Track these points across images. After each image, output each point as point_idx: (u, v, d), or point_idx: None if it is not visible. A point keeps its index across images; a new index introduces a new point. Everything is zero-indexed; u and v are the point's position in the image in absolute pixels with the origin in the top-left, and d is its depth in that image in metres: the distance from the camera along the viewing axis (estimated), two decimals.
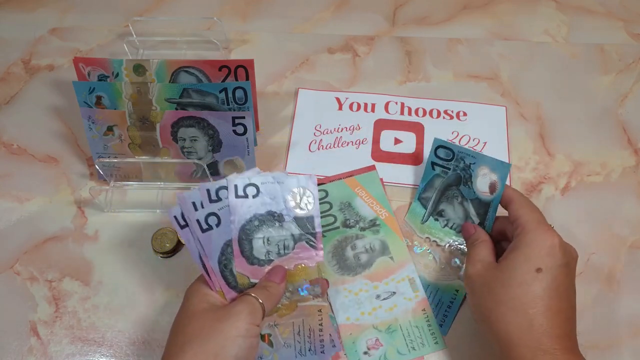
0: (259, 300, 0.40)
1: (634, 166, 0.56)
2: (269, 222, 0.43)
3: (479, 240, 0.45)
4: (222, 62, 0.53)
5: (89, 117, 0.51)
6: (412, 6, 0.69)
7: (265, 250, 0.43)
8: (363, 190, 0.53)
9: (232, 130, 0.51)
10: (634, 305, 0.49)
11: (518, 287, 0.38)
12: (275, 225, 0.43)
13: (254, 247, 0.43)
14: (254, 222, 0.43)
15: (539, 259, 0.39)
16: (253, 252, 0.43)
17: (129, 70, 0.53)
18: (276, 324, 0.45)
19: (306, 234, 0.43)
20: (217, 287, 0.42)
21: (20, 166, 0.57)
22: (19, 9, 0.69)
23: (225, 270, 0.42)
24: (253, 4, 0.69)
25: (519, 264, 0.39)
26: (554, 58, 0.64)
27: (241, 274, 0.42)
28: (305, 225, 0.44)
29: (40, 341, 0.47)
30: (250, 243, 0.43)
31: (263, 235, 0.43)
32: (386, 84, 0.62)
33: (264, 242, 0.43)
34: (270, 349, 0.44)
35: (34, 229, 0.53)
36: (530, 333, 0.37)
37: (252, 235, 0.43)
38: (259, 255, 0.43)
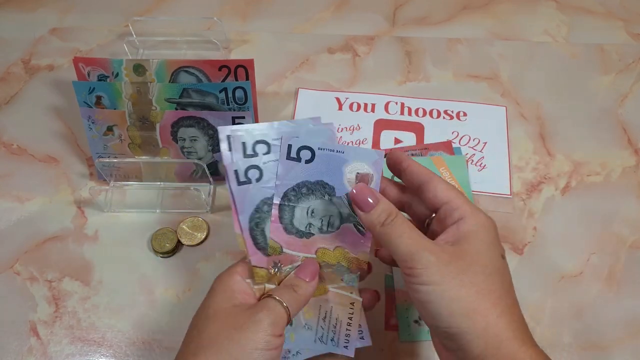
0: (284, 304, 0.36)
1: (634, 166, 0.56)
2: (318, 193, 0.38)
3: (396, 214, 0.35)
4: (222, 62, 0.53)
5: (89, 117, 0.51)
6: (412, 6, 0.69)
7: (307, 222, 0.39)
8: (447, 171, 0.53)
9: None
10: (634, 305, 0.49)
11: (496, 273, 0.33)
12: (324, 197, 0.38)
13: (295, 215, 0.39)
14: (302, 189, 0.38)
15: (498, 245, 0.35)
16: (293, 220, 0.39)
17: (128, 70, 0.53)
18: None
19: (355, 216, 0.38)
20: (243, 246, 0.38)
21: (20, 166, 0.57)
22: (19, 9, 0.69)
23: (256, 230, 0.38)
24: (253, 4, 0.69)
25: (486, 249, 0.34)
26: (554, 58, 0.64)
27: (275, 241, 0.38)
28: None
29: (40, 341, 0.47)
30: (292, 210, 0.38)
31: (308, 205, 0.38)
32: (386, 84, 0.62)
33: (308, 212, 0.39)
34: (288, 327, 0.39)
35: (34, 229, 0.53)
36: (516, 325, 0.33)
37: (296, 203, 0.38)
38: (299, 225, 0.39)
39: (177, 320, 0.48)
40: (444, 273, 0.32)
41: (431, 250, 0.33)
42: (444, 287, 0.32)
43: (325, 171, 0.38)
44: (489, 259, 0.34)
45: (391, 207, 0.35)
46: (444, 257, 0.33)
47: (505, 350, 0.31)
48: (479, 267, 0.33)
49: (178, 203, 0.54)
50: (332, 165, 0.38)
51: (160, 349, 0.47)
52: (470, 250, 0.33)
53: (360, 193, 0.36)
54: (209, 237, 0.52)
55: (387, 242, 0.34)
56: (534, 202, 0.54)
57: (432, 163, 0.54)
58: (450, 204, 0.35)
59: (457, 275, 0.32)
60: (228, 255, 0.51)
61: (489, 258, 0.34)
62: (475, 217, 0.35)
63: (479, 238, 0.34)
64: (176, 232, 0.52)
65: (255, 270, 0.38)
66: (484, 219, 0.35)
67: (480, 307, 0.32)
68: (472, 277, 0.33)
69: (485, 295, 0.32)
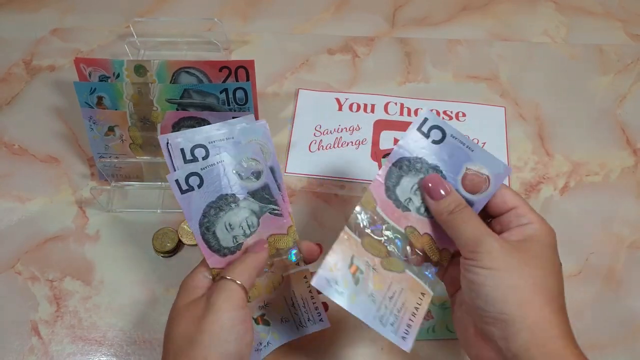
0: (236, 281, 0.36)
1: (632, 166, 0.57)
2: (226, 207, 0.39)
3: (465, 205, 0.36)
4: (223, 62, 0.53)
5: (90, 118, 0.51)
6: (412, 7, 0.69)
7: (231, 237, 0.40)
8: None
9: None
10: (633, 305, 0.49)
11: (553, 275, 0.34)
12: (232, 208, 0.39)
13: (219, 237, 0.39)
14: (210, 213, 0.39)
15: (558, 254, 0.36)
16: (221, 243, 0.39)
17: (129, 71, 0.53)
18: (266, 304, 0.42)
19: (267, 205, 0.40)
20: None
21: (21, 166, 0.57)
22: (20, 10, 0.69)
23: (208, 233, 0.39)
24: (253, 5, 0.69)
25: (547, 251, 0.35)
26: (553, 59, 0.65)
27: (372, 196, 0.38)
28: (263, 196, 0.40)
29: (42, 341, 0.48)
30: (215, 235, 0.39)
31: (223, 222, 0.39)
32: (386, 84, 0.62)
33: (227, 228, 0.39)
34: (267, 329, 0.41)
35: (35, 228, 0.53)
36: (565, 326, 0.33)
37: (213, 227, 0.39)
38: (227, 244, 0.39)
39: None
40: (506, 260, 0.33)
41: (496, 238, 0.34)
42: (504, 274, 0.33)
43: (447, 159, 0.38)
44: (550, 261, 0.35)
45: (460, 199, 0.36)
46: (507, 247, 0.34)
47: (551, 346, 0.32)
48: (540, 263, 0.34)
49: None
50: (455, 156, 0.38)
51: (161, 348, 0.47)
52: (534, 249, 0.35)
53: (432, 182, 0.37)
54: None
55: (453, 228, 0.36)
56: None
57: None
58: (518, 210, 0.36)
59: (518, 265, 0.33)
60: None
61: (551, 260, 0.35)
62: (542, 224, 0.36)
63: (543, 242, 0.35)
64: (177, 232, 0.52)
65: (215, 272, 0.39)
66: (549, 228, 0.36)
67: (535, 300, 0.33)
68: (532, 271, 0.33)
69: (542, 290, 0.33)
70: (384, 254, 0.38)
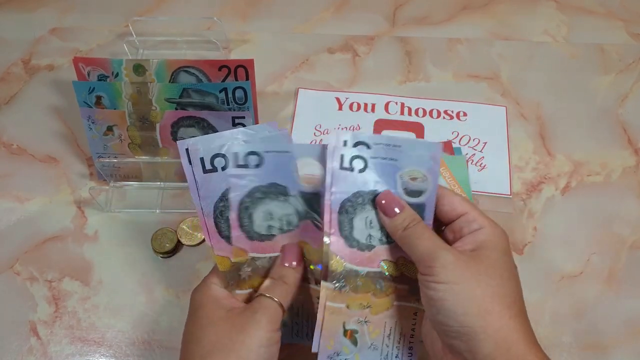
0: (276, 299, 0.36)
1: (634, 166, 0.56)
2: (273, 196, 0.38)
3: (419, 220, 0.36)
4: (222, 62, 0.53)
5: (89, 117, 0.51)
6: (412, 6, 0.69)
7: (267, 225, 0.39)
8: (447, 172, 0.53)
9: None
10: (634, 305, 0.49)
11: (510, 280, 0.34)
12: (279, 199, 0.38)
13: (255, 221, 0.38)
14: (256, 194, 0.38)
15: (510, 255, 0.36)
16: (253, 226, 0.38)
17: (128, 70, 0.53)
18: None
19: (312, 213, 0.38)
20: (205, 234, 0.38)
21: (20, 166, 0.57)
22: (19, 9, 0.69)
23: (221, 218, 0.38)
24: (253, 4, 0.69)
25: (502, 257, 0.35)
26: (554, 58, 0.64)
27: (239, 248, 0.38)
28: (312, 203, 0.38)
29: (40, 341, 0.47)
30: (251, 217, 0.38)
31: (265, 209, 0.38)
32: (386, 84, 0.62)
33: (266, 216, 0.38)
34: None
35: (33, 229, 0.53)
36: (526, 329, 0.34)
37: (252, 209, 0.38)
38: (259, 230, 0.39)
39: (177, 320, 0.48)
40: (462, 272, 0.33)
41: (450, 251, 0.34)
42: (461, 286, 0.33)
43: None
44: (505, 266, 0.35)
45: (414, 215, 0.37)
46: (462, 258, 0.34)
47: (515, 352, 0.32)
48: (495, 271, 0.34)
49: (178, 203, 0.54)
50: (385, 173, 0.37)
51: (160, 349, 0.47)
52: (488, 256, 0.34)
53: (386, 199, 0.37)
54: None
55: (408, 244, 0.36)
56: (534, 202, 0.54)
57: None
58: (468, 216, 0.36)
59: (474, 275, 0.33)
60: None
61: (505, 265, 0.35)
62: (493, 228, 0.36)
63: (496, 247, 0.35)
64: (176, 232, 0.52)
65: (219, 260, 0.38)
66: (500, 231, 0.36)
67: (495, 308, 0.33)
68: (489, 280, 0.33)
69: (501, 297, 0.33)
70: (370, 302, 0.38)
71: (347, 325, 0.38)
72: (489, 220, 0.36)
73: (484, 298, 0.33)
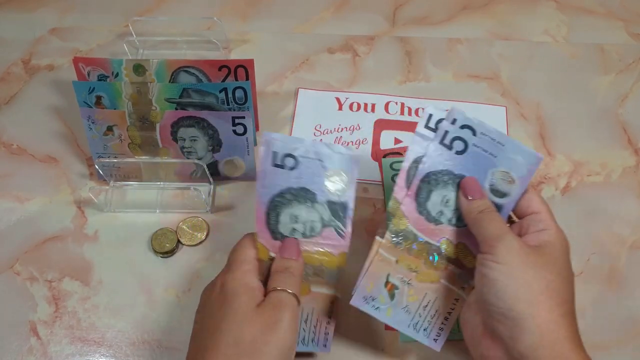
0: (290, 291, 0.37)
1: (634, 166, 0.56)
2: (301, 199, 0.40)
3: (494, 209, 0.38)
4: (222, 62, 0.53)
5: (89, 117, 0.51)
6: (412, 6, 0.69)
7: (291, 228, 0.40)
8: None
9: (232, 130, 0.51)
10: (634, 305, 0.49)
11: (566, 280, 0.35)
12: (307, 203, 0.40)
13: (281, 221, 0.40)
14: (286, 196, 0.40)
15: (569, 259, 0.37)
16: (278, 226, 0.40)
17: (128, 70, 0.53)
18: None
19: (336, 221, 0.40)
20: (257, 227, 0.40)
21: (20, 166, 0.57)
22: (19, 9, 0.69)
23: (273, 212, 0.40)
24: (253, 4, 0.69)
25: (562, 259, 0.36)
26: (554, 58, 0.64)
27: (263, 245, 0.40)
28: (337, 211, 0.40)
29: (40, 341, 0.47)
30: (278, 217, 0.40)
31: (292, 211, 0.40)
32: (386, 84, 0.62)
33: (292, 218, 0.40)
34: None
35: (33, 229, 0.53)
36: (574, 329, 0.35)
37: (280, 209, 0.40)
38: (284, 230, 0.40)
39: (177, 320, 0.48)
40: (522, 259, 0.34)
41: (517, 239, 0.36)
42: (518, 272, 0.34)
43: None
44: (565, 267, 0.36)
45: (491, 205, 0.39)
46: (525, 248, 0.35)
47: (560, 349, 0.32)
48: (554, 268, 0.35)
49: (178, 203, 0.54)
50: (479, 164, 0.40)
51: (160, 349, 0.47)
52: (550, 254, 0.36)
53: (470, 183, 0.39)
54: (208, 237, 0.52)
55: (479, 226, 0.37)
56: None
57: None
58: (539, 215, 0.38)
59: (533, 266, 0.34)
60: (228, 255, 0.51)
61: (565, 266, 0.36)
62: (558, 232, 0.37)
63: (558, 249, 0.36)
64: (176, 232, 0.52)
65: (260, 247, 0.40)
66: (564, 237, 0.38)
67: (546, 301, 0.33)
68: (547, 274, 0.34)
69: (553, 293, 0.34)
70: (419, 268, 0.40)
71: (391, 278, 0.40)
72: (557, 225, 0.38)
73: (538, 288, 0.33)
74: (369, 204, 0.54)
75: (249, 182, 0.55)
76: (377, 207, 0.53)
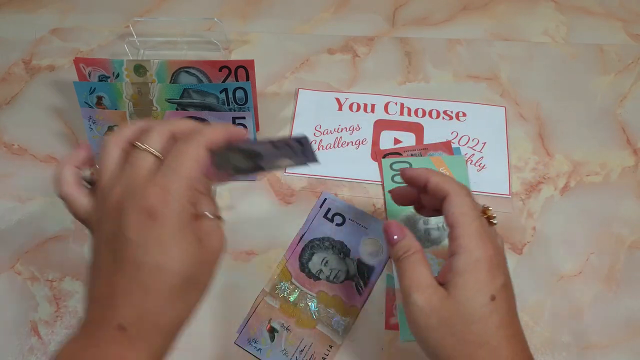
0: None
1: (633, 166, 0.57)
2: (336, 250, 0.49)
3: (413, 252, 0.37)
4: (223, 62, 0.53)
5: (90, 118, 0.51)
6: (412, 7, 0.69)
7: (319, 269, 0.49)
8: (447, 172, 0.54)
9: None
10: (633, 305, 0.49)
11: (479, 322, 0.34)
12: (340, 255, 0.49)
13: (313, 260, 0.49)
14: (325, 242, 0.50)
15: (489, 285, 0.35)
16: (309, 263, 0.49)
17: (129, 71, 0.53)
18: (288, 328, 0.47)
19: (359, 278, 0.48)
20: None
21: (21, 166, 0.57)
22: (19, 10, 0.69)
23: (307, 250, 0.49)
24: (253, 5, 0.69)
25: (473, 294, 0.34)
26: (553, 58, 0.64)
27: (288, 270, 0.49)
28: (364, 272, 0.48)
29: (41, 341, 0.47)
30: (311, 256, 0.49)
31: (325, 256, 0.49)
32: (386, 84, 0.62)
33: (322, 262, 0.49)
34: (268, 342, 0.46)
35: (35, 228, 0.53)
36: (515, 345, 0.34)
37: (316, 250, 0.49)
38: (312, 268, 0.49)
39: None
40: (430, 320, 0.35)
41: (423, 293, 0.35)
42: (429, 334, 0.35)
43: (347, 237, 0.50)
44: (473, 307, 0.34)
45: (411, 244, 0.37)
46: (432, 303, 0.35)
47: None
48: (461, 316, 0.34)
49: None
50: (354, 233, 0.50)
51: None
52: (457, 296, 0.35)
53: (389, 228, 0.38)
54: None
55: (398, 275, 0.38)
56: (533, 202, 0.54)
57: (432, 163, 0.54)
58: (454, 231, 0.36)
59: (441, 324, 0.34)
60: (228, 255, 0.51)
61: (473, 306, 0.34)
62: (468, 254, 0.35)
63: (467, 281, 0.35)
64: None
65: (284, 270, 0.49)
66: (477, 255, 0.35)
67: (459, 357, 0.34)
68: (453, 328, 0.34)
69: (464, 345, 0.34)
70: (297, 315, 0.47)
71: (272, 322, 0.47)
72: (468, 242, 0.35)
73: (449, 347, 0.34)
74: (369, 204, 0.54)
75: (249, 182, 0.55)
76: (377, 207, 0.54)
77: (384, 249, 0.49)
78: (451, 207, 0.36)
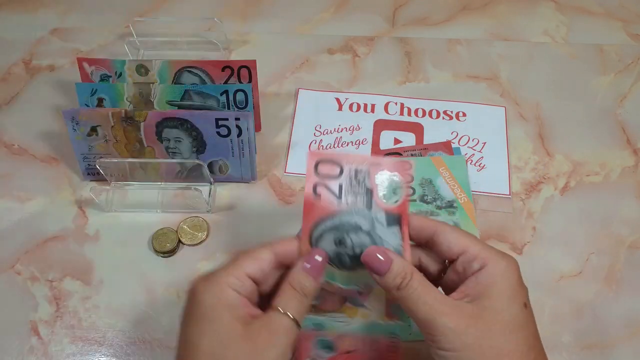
0: (291, 316, 0.32)
1: (633, 166, 0.57)
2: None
3: (411, 275, 0.33)
4: (225, 62, 0.53)
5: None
6: (412, 7, 0.69)
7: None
8: (447, 171, 0.54)
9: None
10: (633, 305, 0.49)
11: (519, 331, 0.32)
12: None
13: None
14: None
15: (521, 292, 0.33)
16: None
17: (131, 71, 0.53)
18: None
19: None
20: None
21: (21, 166, 0.57)
22: (20, 10, 0.69)
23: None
24: (253, 5, 0.69)
25: (508, 303, 0.33)
26: (553, 58, 0.64)
27: None
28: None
29: (41, 341, 0.47)
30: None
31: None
32: (386, 84, 0.62)
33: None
34: None
35: (34, 228, 0.53)
36: None
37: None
38: None
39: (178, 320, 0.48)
40: (463, 339, 0.31)
41: (449, 316, 0.32)
42: (464, 354, 0.31)
43: None
44: (510, 315, 0.32)
45: (404, 267, 0.33)
46: (462, 322, 0.32)
47: None
48: (499, 326, 0.32)
49: (179, 203, 0.54)
50: None
51: (161, 349, 0.47)
52: (490, 308, 0.32)
53: (370, 257, 0.34)
54: (209, 236, 0.52)
55: (406, 308, 0.33)
56: (533, 202, 0.54)
57: (432, 163, 0.54)
58: (467, 254, 0.34)
59: (476, 340, 0.31)
60: (228, 255, 0.51)
61: (510, 314, 0.32)
62: (495, 266, 0.33)
63: (499, 291, 0.33)
64: (177, 232, 0.52)
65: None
66: (504, 265, 0.33)
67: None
68: (492, 341, 0.32)
69: (506, 357, 0.32)
70: None
71: None
72: (490, 255, 0.34)
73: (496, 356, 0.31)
74: None
75: (250, 182, 0.55)
76: None
77: None
78: (449, 236, 0.35)
